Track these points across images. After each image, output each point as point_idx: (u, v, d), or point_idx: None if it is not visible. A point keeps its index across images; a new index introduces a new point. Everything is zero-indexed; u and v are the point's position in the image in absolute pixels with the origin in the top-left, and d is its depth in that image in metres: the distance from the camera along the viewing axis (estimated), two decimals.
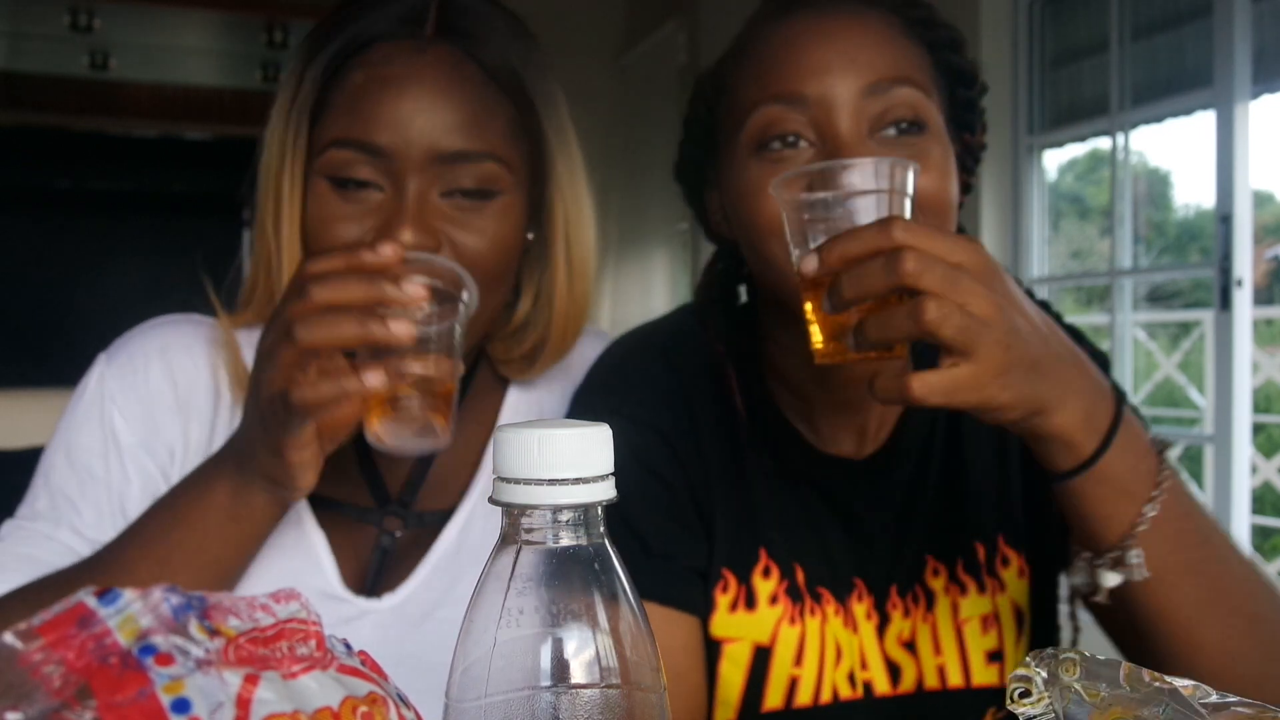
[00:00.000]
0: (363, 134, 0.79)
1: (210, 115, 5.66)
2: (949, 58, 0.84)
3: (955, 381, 0.64)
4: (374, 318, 0.68)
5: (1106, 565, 0.71)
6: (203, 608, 0.33)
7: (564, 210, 0.91)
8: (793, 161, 0.78)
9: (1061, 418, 0.67)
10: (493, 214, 0.82)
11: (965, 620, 0.87)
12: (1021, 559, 0.89)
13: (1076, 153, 3.19)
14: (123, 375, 0.88)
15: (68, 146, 5.75)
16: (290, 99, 0.84)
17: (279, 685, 0.32)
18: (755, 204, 0.78)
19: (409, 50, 0.81)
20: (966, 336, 0.63)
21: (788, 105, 0.78)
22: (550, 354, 0.94)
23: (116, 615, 0.31)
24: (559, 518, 0.39)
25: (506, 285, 0.88)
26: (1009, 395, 0.65)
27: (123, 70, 5.48)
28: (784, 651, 0.85)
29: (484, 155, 0.81)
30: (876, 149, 0.77)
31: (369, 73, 0.81)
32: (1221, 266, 2.36)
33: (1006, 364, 0.64)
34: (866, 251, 0.64)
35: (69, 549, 0.82)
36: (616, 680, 0.38)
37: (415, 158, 0.79)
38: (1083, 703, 0.47)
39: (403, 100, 0.79)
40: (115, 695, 0.29)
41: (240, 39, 5.31)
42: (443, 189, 0.81)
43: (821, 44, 0.78)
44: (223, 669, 0.32)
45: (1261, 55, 2.38)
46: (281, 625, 0.34)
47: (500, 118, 0.83)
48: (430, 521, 0.91)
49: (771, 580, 0.86)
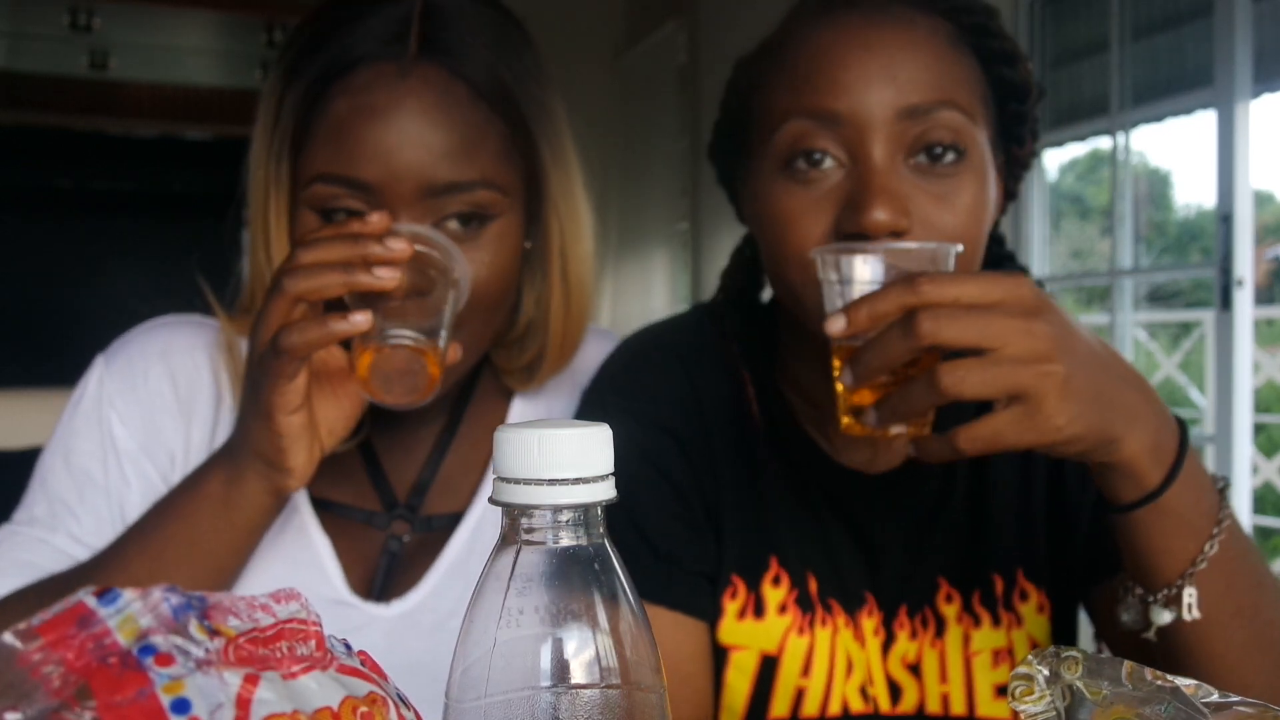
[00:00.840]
0: (347, 169, 0.76)
1: (210, 115, 5.65)
2: (1001, 71, 0.79)
3: (1002, 427, 0.62)
4: (360, 266, 0.69)
5: (1160, 603, 0.69)
6: (203, 608, 0.33)
7: (559, 226, 0.88)
8: (820, 183, 0.74)
9: (1130, 447, 0.64)
10: (489, 240, 0.80)
11: (976, 653, 0.84)
12: (1042, 594, 0.86)
13: (1077, 152, 3.19)
14: (122, 378, 0.87)
15: (67, 146, 5.74)
16: (271, 124, 0.81)
17: (279, 685, 0.32)
18: (780, 231, 0.75)
19: (392, 75, 0.77)
20: (1005, 382, 0.60)
21: (819, 122, 0.73)
22: (549, 366, 0.93)
23: (116, 615, 0.31)
24: (559, 518, 0.38)
25: (508, 304, 0.87)
26: (1077, 428, 0.62)
27: (122, 70, 5.48)
28: (791, 662, 0.83)
29: (476, 184, 0.78)
30: (908, 177, 0.73)
31: (351, 101, 0.77)
32: (1222, 266, 2.36)
33: (1067, 395, 0.61)
34: (893, 309, 0.62)
35: (66, 555, 0.82)
36: (616, 680, 0.38)
37: (404, 192, 0.76)
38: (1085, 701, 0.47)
39: (388, 131, 0.76)
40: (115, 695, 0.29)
41: (240, 39, 5.31)
42: (434, 219, 0.78)
43: (861, 56, 0.73)
44: (222, 669, 0.32)
45: (1262, 55, 2.38)
46: (281, 625, 0.34)
47: (491, 139, 0.80)
48: (438, 525, 0.90)
49: (781, 589, 0.84)
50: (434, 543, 0.89)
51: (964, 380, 0.60)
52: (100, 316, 1.67)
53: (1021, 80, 0.80)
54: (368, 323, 0.68)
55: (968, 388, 0.61)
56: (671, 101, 4.37)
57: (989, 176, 0.77)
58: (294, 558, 0.85)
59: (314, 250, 0.70)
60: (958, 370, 0.61)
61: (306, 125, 0.79)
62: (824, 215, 0.73)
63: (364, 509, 0.89)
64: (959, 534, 0.86)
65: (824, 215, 0.73)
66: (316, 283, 0.68)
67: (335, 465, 0.90)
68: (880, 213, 0.70)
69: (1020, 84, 0.80)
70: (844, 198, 0.73)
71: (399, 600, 0.86)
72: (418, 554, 0.89)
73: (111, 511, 0.84)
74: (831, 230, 0.73)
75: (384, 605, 0.86)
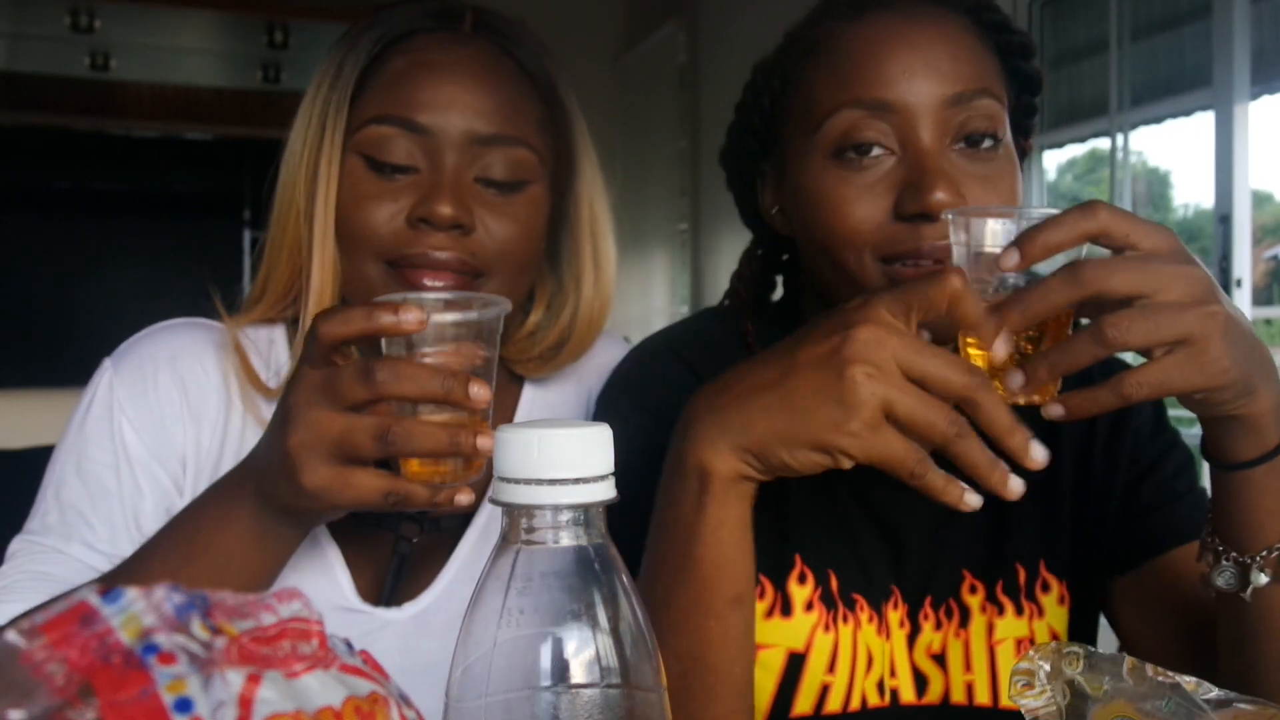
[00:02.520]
0: (404, 110, 0.81)
1: (210, 115, 5.66)
2: (1018, 64, 0.83)
3: (1169, 371, 0.61)
4: (458, 389, 0.66)
5: (1259, 565, 0.68)
6: (205, 607, 0.33)
7: (590, 206, 0.92)
8: (873, 171, 0.76)
9: (1263, 401, 0.64)
10: (524, 203, 0.85)
11: (999, 641, 0.85)
12: (1063, 586, 0.87)
13: (1076, 153, 3.19)
14: (131, 384, 0.86)
15: (68, 147, 5.75)
16: (329, 84, 0.85)
17: (281, 684, 0.32)
18: (836, 216, 0.77)
19: (449, 41, 0.85)
20: (1172, 329, 0.60)
21: (870, 111, 0.76)
22: (572, 349, 0.94)
23: (119, 614, 0.31)
24: (559, 518, 0.39)
25: (527, 281, 0.89)
26: (1238, 370, 0.61)
27: (123, 71, 5.49)
28: (818, 659, 0.83)
29: (518, 141, 0.84)
30: (957, 161, 0.76)
31: (411, 58, 0.84)
32: (1221, 266, 2.36)
33: (1229, 337, 0.61)
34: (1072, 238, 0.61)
35: (83, 564, 0.81)
36: (617, 680, 0.39)
37: (453, 137, 0.82)
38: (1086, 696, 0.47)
39: (444, 84, 0.82)
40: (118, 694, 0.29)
41: (240, 39, 5.31)
42: (477, 173, 0.82)
43: (906, 49, 0.77)
44: (225, 668, 0.32)
45: (1260, 56, 2.38)
46: (283, 624, 0.34)
47: (533, 110, 0.86)
48: (447, 526, 0.90)
49: (807, 587, 0.84)
50: (444, 544, 0.89)
51: (1130, 330, 0.60)
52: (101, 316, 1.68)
53: (1035, 72, 0.85)
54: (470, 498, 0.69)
55: (1134, 337, 0.60)
56: (671, 102, 4.37)
57: (1017, 163, 0.81)
58: (304, 567, 0.85)
59: (400, 381, 0.66)
60: (1122, 321, 0.60)
61: (364, 80, 0.84)
62: (880, 199, 0.76)
63: (372, 512, 0.89)
64: (983, 524, 0.86)
65: (880, 199, 0.76)
66: (423, 441, 0.66)
67: None
68: (941, 193, 0.73)
69: (1034, 76, 0.85)
70: (898, 182, 0.76)
71: (411, 603, 0.86)
72: (428, 556, 0.89)
73: (126, 519, 0.83)
74: (889, 212, 0.76)
75: (396, 609, 0.86)
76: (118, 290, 5.68)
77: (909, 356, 0.61)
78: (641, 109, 4.64)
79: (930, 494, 0.63)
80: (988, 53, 0.80)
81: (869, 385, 0.61)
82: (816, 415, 0.62)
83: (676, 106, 4.35)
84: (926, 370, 0.61)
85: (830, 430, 0.62)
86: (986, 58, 0.80)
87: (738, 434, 0.66)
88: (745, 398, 0.67)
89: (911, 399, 0.61)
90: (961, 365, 0.62)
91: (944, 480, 0.63)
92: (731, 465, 0.67)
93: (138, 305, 1.02)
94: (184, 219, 5.93)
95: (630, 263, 4.72)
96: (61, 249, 5.90)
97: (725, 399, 0.68)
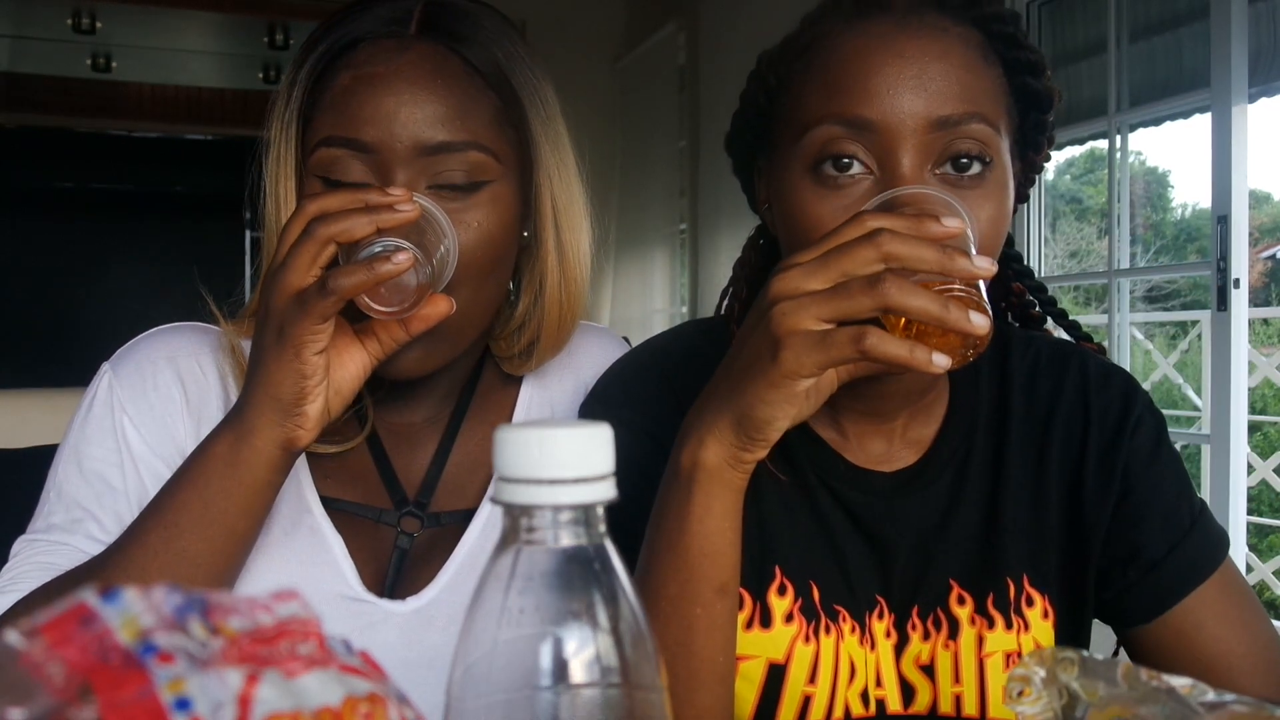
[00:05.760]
0: (348, 130, 0.81)
1: (212, 116, 5.66)
2: (1027, 81, 0.80)
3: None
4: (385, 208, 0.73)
5: None
6: (204, 607, 0.33)
7: (552, 198, 0.90)
8: (849, 191, 0.75)
9: None
10: (481, 204, 0.83)
11: (989, 654, 0.84)
12: (1046, 600, 0.86)
13: (1074, 153, 3.21)
14: (132, 384, 0.87)
15: (70, 147, 5.75)
16: (284, 104, 0.86)
17: (280, 684, 0.33)
18: (809, 235, 0.75)
19: (391, 49, 0.82)
20: None
21: (850, 128, 0.74)
22: (546, 346, 0.94)
23: (118, 614, 0.31)
24: (559, 518, 0.39)
25: (498, 281, 0.88)
26: None
27: (125, 71, 5.49)
28: (798, 670, 0.83)
29: (468, 145, 0.82)
30: (935, 186, 0.74)
31: (354, 72, 0.82)
32: (1218, 267, 2.37)
33: None
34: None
35: (88, 554, 0.81)
36: (617, 680, 0.39)
37: (400, 151, 0.80)
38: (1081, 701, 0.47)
39: (385, 96, 0.81)
40: (117, 694, 0.29)
41: (241, 40, 5.31)
42: (430, 182, 0.81)
43: (894, 65, 0.74)
44: (224, 667, 0.32)
45: (1258, 58, 2.38)
46: (282, 624, 0.34)
47: (484, 108, 0.84)
48: (448, 522, 0.91)
49: (787, 598, 0.84)
50: (446, 539, 0.90)
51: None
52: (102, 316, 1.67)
53: (1045, 90, 0.81)
54: (410, 261, 0.71)
55: None
56: (671, 102, 4.37)
57: (1009, 186, 0.78)
58: (308, 557, 0.86)
59: (337, 198, 0.73)
60: None
61: (314, 99, 0.84)
62: None
63: (374, 507, 0.90)
64: (971, 535, 0.86)
65: None
66: (345, 224, 0.71)
67: (344, 466, 0.91)
68: None
69: (1044, 94, 0.81)
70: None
71: (414, 597, 0.87)
72: (429, 551, 0.90)
73: (131, 513, 0.83)
74: None
75: (399, 602, 0.87)
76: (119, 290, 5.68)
77: (819, 288, 0.64)
78: (641, 109, 4.64)
79: (898, 363, 0.62)
80: (990, 68, 0.77)
81: (792, 311, 0.64)
82: (760, 358, 0.66)
83: (676, 107, 4.35)
84: (837, 291, 0.64)
85: (774, 363, 0.65)
86: (986, 75, 0.77)
87: (713, 416, 0.69)
88: (713, 386, 0.71)
89: (828, 301, 0.63)
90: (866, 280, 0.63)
91: (908, 346, 0.62)
92: (715, 452, 0.70)
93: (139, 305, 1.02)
94: (185, 219, 5.94)
95: (630, 263, 4.71)
96: (63, 249, 5.90)
97: (702, 398, 0.72)
